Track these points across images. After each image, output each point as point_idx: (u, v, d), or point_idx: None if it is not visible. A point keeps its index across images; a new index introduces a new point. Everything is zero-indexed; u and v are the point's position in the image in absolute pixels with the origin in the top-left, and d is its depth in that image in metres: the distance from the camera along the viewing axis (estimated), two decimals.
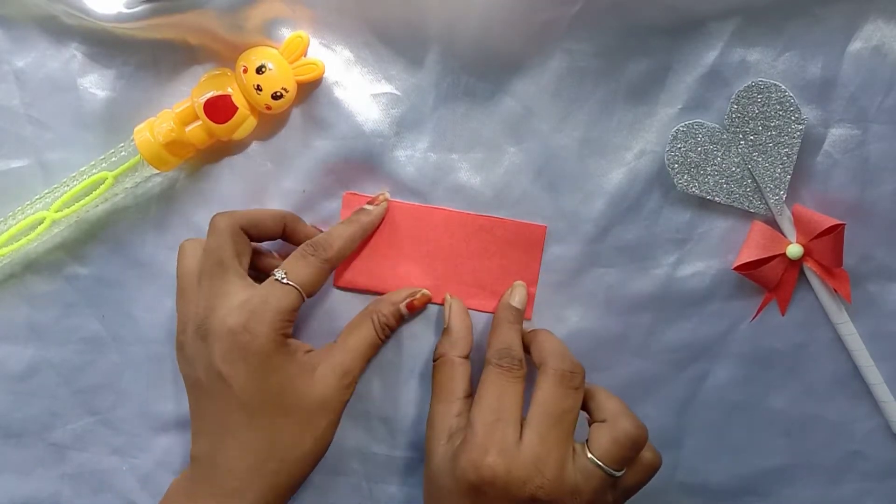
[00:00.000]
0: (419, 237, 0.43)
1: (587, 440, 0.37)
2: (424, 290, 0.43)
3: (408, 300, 0.42)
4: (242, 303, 0.37)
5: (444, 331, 0.42)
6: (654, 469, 0.38)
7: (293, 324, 0.38)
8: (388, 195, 0.43)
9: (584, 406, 0.39)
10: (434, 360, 0.41)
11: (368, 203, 0.43)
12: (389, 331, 0.42)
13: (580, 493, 0.35)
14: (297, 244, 0.41)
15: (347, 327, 0.41)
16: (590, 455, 0.36)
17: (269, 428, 0.37)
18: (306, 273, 0.38)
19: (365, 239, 0.43)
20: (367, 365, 0.42)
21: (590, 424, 0.38)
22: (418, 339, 0.44)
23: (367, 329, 0.41)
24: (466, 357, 0.41)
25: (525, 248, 0.43)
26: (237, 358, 0.36)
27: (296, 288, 0.38)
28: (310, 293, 0.39)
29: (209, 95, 0.40)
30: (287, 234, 0.42)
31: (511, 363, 0.38)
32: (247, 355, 0.36)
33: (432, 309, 0.44)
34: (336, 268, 0.42)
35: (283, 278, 0.38)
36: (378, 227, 0.43)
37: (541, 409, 0.36)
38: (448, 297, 0.43)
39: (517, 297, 0.42)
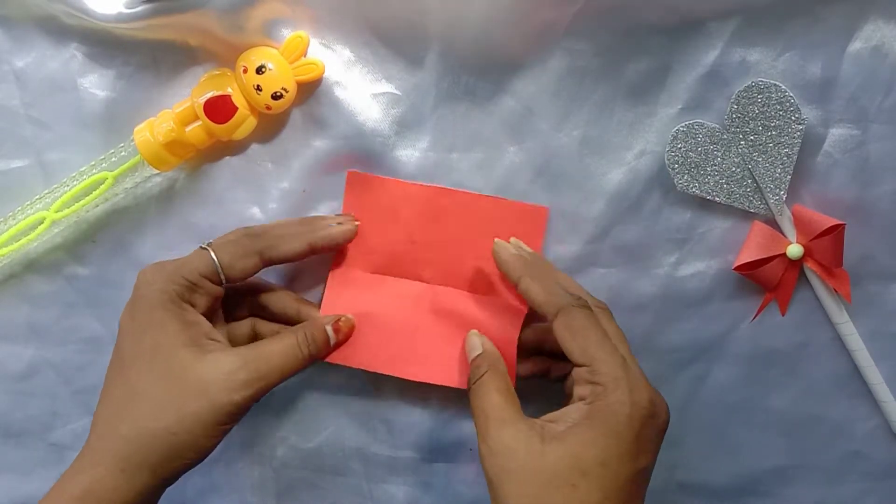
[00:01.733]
0: (422, 221, 0.43)
1: None
2: (349, 316, 0.41)
3: (334, 322, 0.40)
4: (157, 263, 0.37)
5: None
6: None
7: (205, 297, 0.37)
8: (357, 223, 0.42)
9: None
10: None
11: (338, 220, 0.41)
12: (315, 348, 0.39)
13: None
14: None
15: (274, 335, 0.39)
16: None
17: (132, 386, 0.34)
18: (230, 246, 0.37)
19: (368, 231, 0.42)
20: (280, 381, 0.37)
21: None
22: None
23: (289, 339, 0.38)
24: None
25: (527, 230, 0.42)
26: (130, 306, 0.36)
27: (210, 254, 0.37)
28: (226, 267, 0.37)
29: (209, 95, 0.40)
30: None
31: (593, 302, 0.37)
32: (137, 303, 0.36)
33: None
34: (269, 262, 0.39)
35: (203, 244, 0.38)
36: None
37: (621, 345, 0.36)
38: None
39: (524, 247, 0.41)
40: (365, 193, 0.43)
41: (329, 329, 0.40)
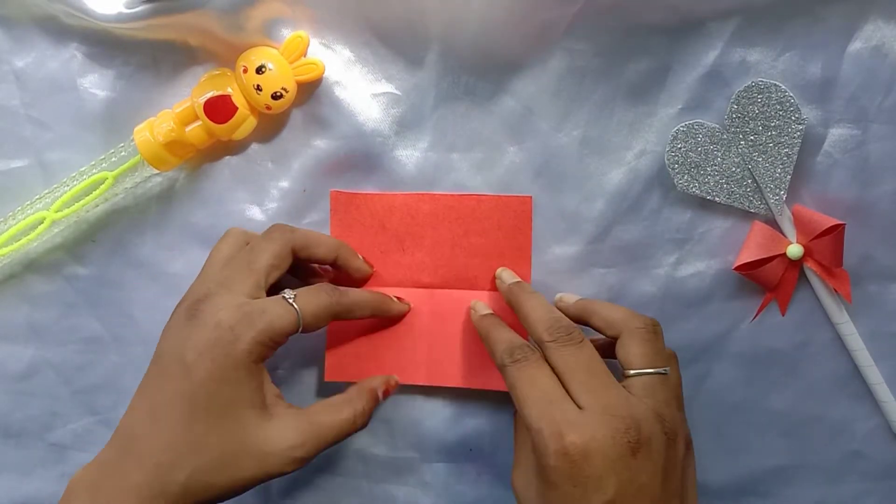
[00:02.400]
0: (409, 228, 0.43)
1: (620, 363, 0.36)
2: (395, 377, 0.42)
3: (383, 387, 0.41)
4: (240, 304, 0.36)
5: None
6: (675, 356, 0.38)
7: (275, 350, 0.37)
8: (410, 305, 0.43)
9: (592, 326, 0.38)
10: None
11: (398, 298, 0.43)
12: (367, 419, 0.39)
13: (660, 412, 0.34)
14: (345, 277, 0.42)
15: (328, 402, 0.39)
16: (633, 372, 0.35)
17: (199, 438, 0.35)
18: (314, 304, 0.37)
19: (359, 245, 0.43)
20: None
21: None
22: None
23: (347, 414, 0.38)
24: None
25: (513, 222, 0.42)
26: (208, 352, 0.35)
27: (296, 312, 0.37)
28: (307, 326, 0.37)
29: (209, 95, 0.40)
30: (339, 264, 0.41)
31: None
32: (218, 354, 0.35)
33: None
34: (341, 319, 0.39)
35: (290, 298, 0.37)
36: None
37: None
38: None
39: (506, 275, 0.42)
40: (350, 210, 0.43)
41: (379, 392, 0.41)
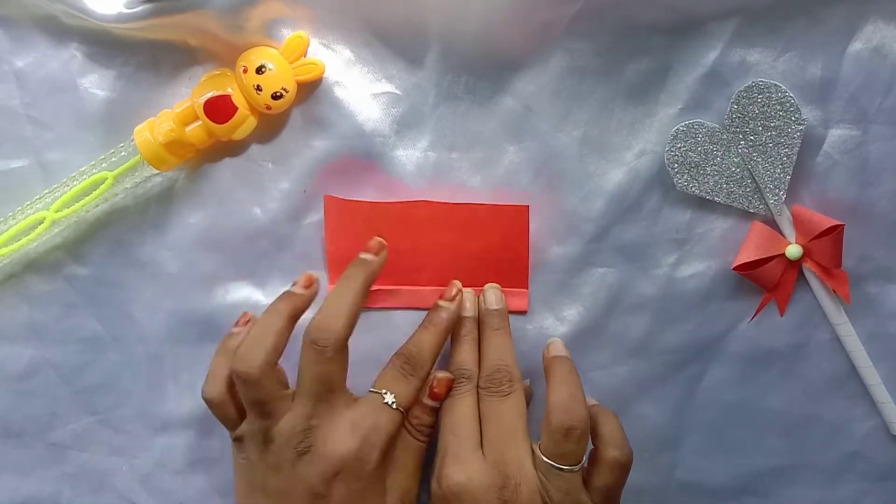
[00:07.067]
0: (405, 234, 0.43)
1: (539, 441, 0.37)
2: (445, 373, 0.40)
3: (428, 392, 0.40)
4: (352, 426, 0.37)
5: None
6: (620, 466, 0.37)
7: None
8: (459, 284, 0.42)
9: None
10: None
11: (441, 299, 0.41)
12: (428, 429, 0.40)
13: (549, 493, 0.36)
14: None
15: (400, 448, 0.39)
16: (539, 454, 0.36)
17: None
18: (410, 394, 0.39)
19: (354, 251, 0.41)
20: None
21: None
22: None
23: (413, 443, 0.39)
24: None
25: (510, 231, 0.42)
26: (340, 480, 0.36)
27: (402, 413, 0.38)
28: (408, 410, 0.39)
29: (209, 95, 0.40)
30: None
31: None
32: (351, 480, 0.36)
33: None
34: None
35: (392, 403, 0.38)
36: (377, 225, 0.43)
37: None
38: None
39: (492, 299, 0.42)
40: (343, 216, 0.43)
41: (426, 400, 0.40)
